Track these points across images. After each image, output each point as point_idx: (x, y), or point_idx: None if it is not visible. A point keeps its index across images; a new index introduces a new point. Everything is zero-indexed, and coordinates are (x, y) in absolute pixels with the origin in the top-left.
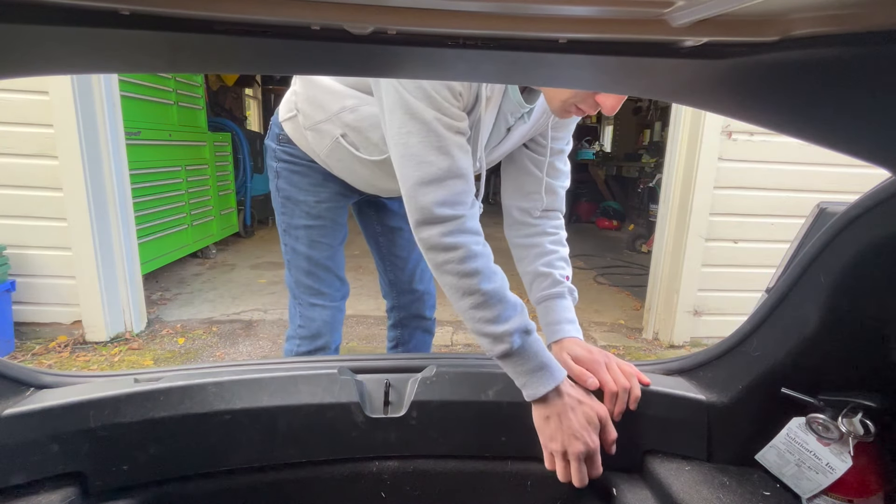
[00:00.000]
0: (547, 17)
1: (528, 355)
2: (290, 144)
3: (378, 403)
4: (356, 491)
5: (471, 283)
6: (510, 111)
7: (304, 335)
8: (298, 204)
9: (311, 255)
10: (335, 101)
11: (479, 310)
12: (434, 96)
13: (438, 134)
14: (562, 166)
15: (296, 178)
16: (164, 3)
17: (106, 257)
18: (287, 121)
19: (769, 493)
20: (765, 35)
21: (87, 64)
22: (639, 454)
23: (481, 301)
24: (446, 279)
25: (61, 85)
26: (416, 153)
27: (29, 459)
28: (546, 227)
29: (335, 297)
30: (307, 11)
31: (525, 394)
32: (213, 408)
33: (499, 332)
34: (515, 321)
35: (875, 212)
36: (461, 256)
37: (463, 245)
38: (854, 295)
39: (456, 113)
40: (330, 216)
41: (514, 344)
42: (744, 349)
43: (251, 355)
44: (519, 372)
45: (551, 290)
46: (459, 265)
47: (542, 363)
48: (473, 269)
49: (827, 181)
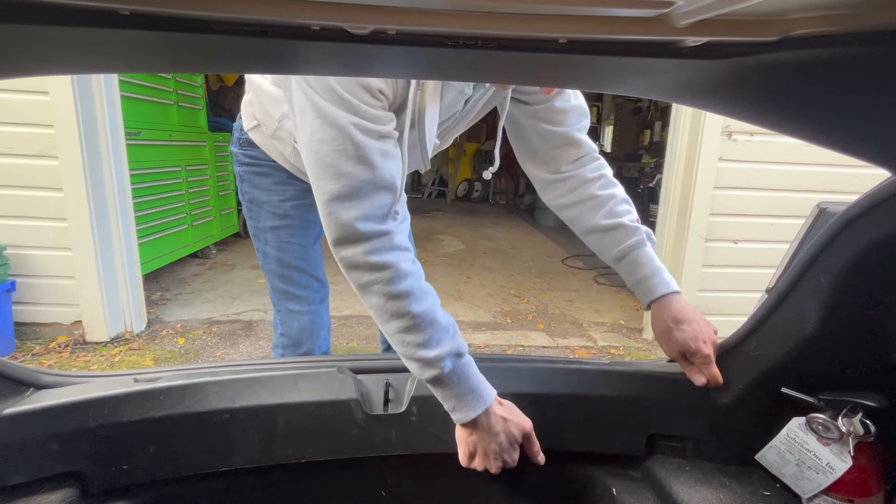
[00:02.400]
0: (547, 17)
1: (458, 379)
2: (251, 147)
3: (378, 402)
4: (357, 489)
5: (400, 306)
6: (463, 83)
7: (286, 343)
8: (262, 205)
9: (281, 258)
10: (276, 107)
11: (408, 333)
12: (348, 99)
13: (355, 142)
14: (562, 104)
15: (258, 180)
16: (164, 3)
17: (106, 257)
18: (252, 130)
19: (769, 493)
20: (765, 35)
21: (87, 64)
22: (643, 438)
23: (411, 324)
24: (372, 300)
25: (61, 85)
26: (331, 163)
27: (29, 459)
28: (585, 174)
29: (313, 299)
30: (307, 11)
31: (454, 417)
32: (212, 407)
33: (430, 357)
34: (447, 345)
35: (875, 212)
36: (389, 277)
37: (391, 264)
38: (854, 295)
39: (376, 115)
40: (297, 214)
41: (445, 368)
42: (744, 349)
43: (251, 355)
44: (448, 396)
45: (627, 241)
46: (387, 286)
47: (472, 387)
48: (403, 291)
49: (827, 181)
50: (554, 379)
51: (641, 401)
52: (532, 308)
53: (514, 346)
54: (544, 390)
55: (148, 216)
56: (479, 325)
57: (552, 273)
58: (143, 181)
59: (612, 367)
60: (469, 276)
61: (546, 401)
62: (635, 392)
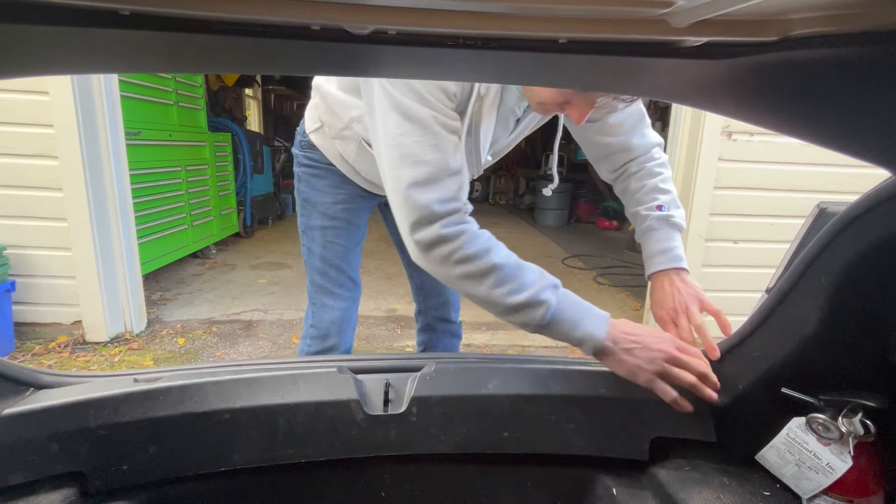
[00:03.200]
0: (547, 17)
1: (570, 306)
2: (311, 150)
3: (378, 402)
4: (356, 490)
5: (483, 262)
6: (515, 104)
7: (315, 335)
8: (316, 205)
9: (324, 255)
10: (344, 111)
11: (502, 285)
12: (428, 97)
13: (435, 132)
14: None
15: (315, 181)
16: (164, 3)
17: (106, 257)
18: (314, 132)
19: (769, 493)
20: (765, 35)
21: (87, 64)
22: (645, 441)
23: (501, 275)
24: (457, 270)
25: (61, 85)
26: (411, 152)
27: (28, 459)
28: (630, 168)
29: (346, 297)
30: (307, 11)
31: (590, 349)
32: (212, 407)
33: (531, 297)
34: (541, 281)
35: (875, 212)
36: (465, 240)
37: (464, 230)
38: (854, 295)
39: (450, 113)
40: (345, 217)
41: (552, 302)
42: (744, 349)
43: (251, 355)
44: (570, 329)
45: (640, 227)
46: (466, 249)
47: (586, 308)
48: (481, 248)
49: (827, 181)
50: (555, 380)
51: (643, 402)
52: None
53: (514, 346)
54: (545, 391)
55: (148, 216)
56: (479, 325)
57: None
58: (143, 181)
59: None
60: None
61: (547, 402)
62: (636, 393)
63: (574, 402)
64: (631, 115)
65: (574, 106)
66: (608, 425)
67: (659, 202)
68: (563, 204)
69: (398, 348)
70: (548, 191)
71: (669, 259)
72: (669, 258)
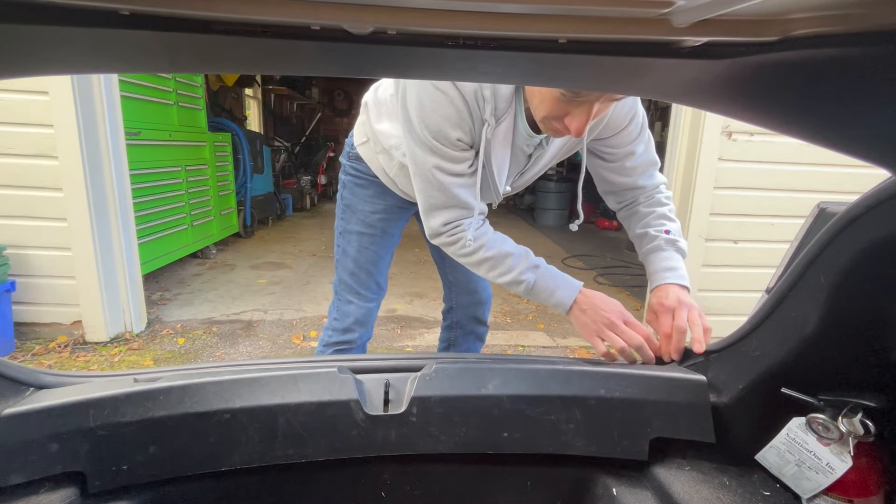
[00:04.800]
0: (547, 17)
1: (544, 280)
2: (357, 161)
3: (378, 402)
4: (356, 491)
5: (478, 256)
6: (524, 143)
7: (337, 327)
8: (356, 212)
9: (357, 259)
10: (385, 138)
11: (493, 269)
12: (438, 147)
13: (437, 179)
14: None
15: (358, 190)
16: (163, 3)
17: (106, 257)
18: (361, 145)
19: (769, 493)
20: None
21: (87, 64)
22: (645, 442)
23: (492, 263)
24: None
25: (61, 85)
26: (422, 188)
27: (28, 459)
28: (637, 199)
29: (371, 298)
30: (307, 11)
31: (561, 309)
32: (212, 407)
33: (514, 277)
34: (522, 264)
35: (875, 212)
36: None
37: (462, 237)
38: (854, 295)
39: (456, 156)
40: (381, 226)
41: (531, 279)
42: (744, 349)
43: (251, 355)
44: (546, 296)
45: (647, 246)
46: (465, 248)
47: (558, 283)
48: (476, 246)
49: (827, 181)
50: (555, 380)
51: (643, 403)
52: (532, 308)
53: (513, 346)
54: (545, 392)
55: (148, 216)
56: None
57: None
58: (143, 181)
59: (612, 367)
60: None
61: (547, 402)
62: (636, 394)
63: (574, 402)
64: (644, 162)
65: (573, 117)
66: (608, 426)
67: (667, 227)
68: (563, 204)
69: (398, 348)
70: (574, 226)
71: (677, 276)
72: (677, 276)
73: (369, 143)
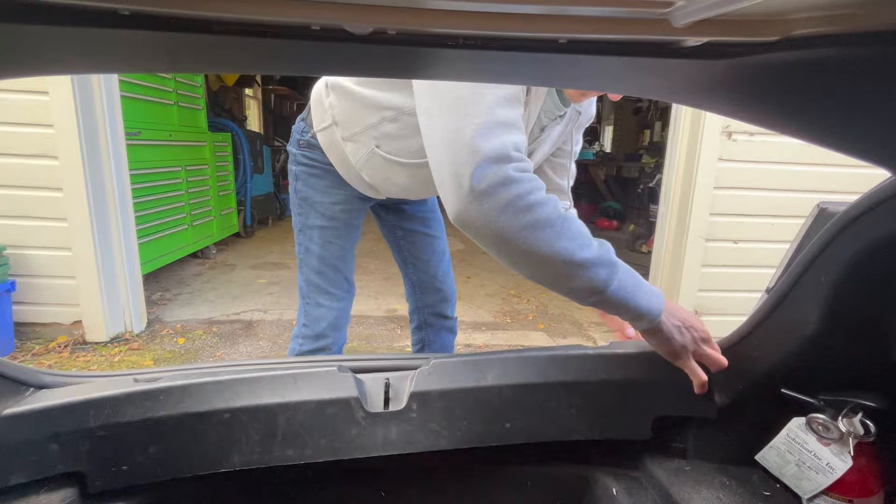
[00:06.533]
0: (547, 17)
1: (629, 274)
2: (310, 149)
3: (378, 400)
4: (356, 490)
5: (552, 211)
6: (545, 112)
7: (308, 334)
8: (314, 205)
9: (322, 255)
10: (372, 113)
11: (571, 238)
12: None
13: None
14: (572, 167)
15: (313, 181)
16: (163, 3)
17: (106, 257)
18: (322, 131)
19: (769, 493)
20: (765, 35)
21: (87, 64)
22: (648, 420)
23: (570, 226)
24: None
25: (61, 85)
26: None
27: (28, 459)
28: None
29: (341, 297)
30: (307, 11)
31: (646, 322)
32: (212, 406)
33: (600, 254)
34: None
35: (875, 212)
36: (536, 186)
37: (534, 177)
38: (854, 295)
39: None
40: (344, 218)
41: (619, 264)
42: (744, 349)
43: (251, 355)
44: (632, 293)
45: None
46: (536, 194)
47: (639, 281)
48: (550, 198)
49: (827, 181)
50: (553, 367)
51: (644, 382)
52: (532, 308)
53: (513, 346)
54: (544, 379)
55: (148, 216)
56: (479, 326)
57: None
58: (143, 181)
59: (611, 350)
60: (469, 275)
61: (547, 390)
62: (637, 374)
63: (574, 387)
64: (572, 171)
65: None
66: (609, 408)
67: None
68: None
69: (398, 348)
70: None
71: None
72: None
73: (333, 128)
